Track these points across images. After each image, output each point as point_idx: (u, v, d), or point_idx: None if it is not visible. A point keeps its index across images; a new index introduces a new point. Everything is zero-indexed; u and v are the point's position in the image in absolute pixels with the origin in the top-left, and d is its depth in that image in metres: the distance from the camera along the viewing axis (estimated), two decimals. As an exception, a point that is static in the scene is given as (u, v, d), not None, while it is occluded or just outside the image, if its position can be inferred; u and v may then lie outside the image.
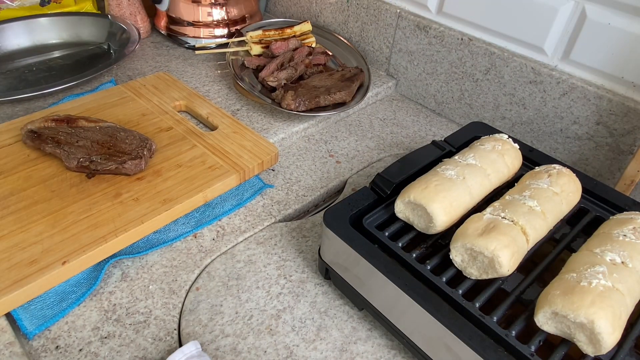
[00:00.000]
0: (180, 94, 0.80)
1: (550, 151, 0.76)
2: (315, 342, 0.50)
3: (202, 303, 0.53)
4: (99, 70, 0.82)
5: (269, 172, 0.72)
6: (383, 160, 0.77)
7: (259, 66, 0.88)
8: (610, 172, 0.71)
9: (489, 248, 0.43)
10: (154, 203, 0.59)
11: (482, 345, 0.40)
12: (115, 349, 0.48)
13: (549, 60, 0.74)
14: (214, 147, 0.69)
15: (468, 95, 0.84)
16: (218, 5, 0.99)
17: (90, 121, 0.66)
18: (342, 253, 0.50)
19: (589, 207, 0.55)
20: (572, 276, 0.41)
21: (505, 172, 0.56)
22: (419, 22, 0.86)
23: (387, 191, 0.54)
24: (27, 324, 0.48)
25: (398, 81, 0.95)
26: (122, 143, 0.63)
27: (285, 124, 0.80)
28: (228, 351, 0.49)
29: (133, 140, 0.64)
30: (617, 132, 0.68)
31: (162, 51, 0.99)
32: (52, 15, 0.94)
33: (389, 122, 0.87)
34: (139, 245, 0.58)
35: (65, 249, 0.52)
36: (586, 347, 0.39)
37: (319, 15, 1.05)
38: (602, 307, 0.38)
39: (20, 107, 0.78)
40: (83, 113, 0.72)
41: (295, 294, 0.55)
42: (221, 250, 0.60)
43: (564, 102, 0.72)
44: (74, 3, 1.01)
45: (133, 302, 0.53)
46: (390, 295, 0.46)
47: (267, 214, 0.65)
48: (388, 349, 0.50)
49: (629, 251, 0.44)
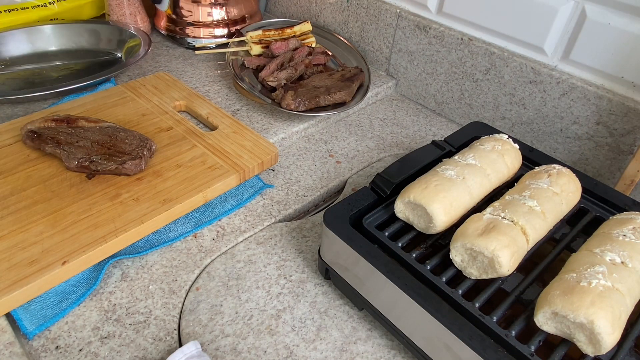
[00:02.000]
0: (180, 94, 0.80)
1: (550, 151, 0.76)
2: (315, 342, 0.50)
3: (202, 303, 0.53)
4: (102, 75, 0.82)
5: (269, 172, 0.72)
6: (383, 160, 0.77)
7: (259, 66, 0.88)
8: (610, 172, 0.71)
9: (489, 248, 0.43)
10: (154, 203, 0.59)
11: (482, 345, 0.40)
12: (115, 349, 0.48)
13: (549, 60, 0.74)
14: (214, 147, 0.69)
15: (468, 95, 0.84)
16: (218, 5, 0.99)
17: (90, 121, 0.66)
18: (342, 253, 0.50)
19: (588, 207, 0.55)
20: (572, 276, 0.41)
21: (505, 172, 0.56)
22: (419, 22, 0.86)
23: (387, 191, 0.54)
24: (27, 324, 0.48)
25: (398, 81, 0.95)
26: (122, 143, 0.63)
27: (285, 124, 0.80)
28: (228, 351, 0.49)
29: (133, 140, 0.64)
30: (617, 132, 0.68)
31: (162, 51, 0.99)
32: (66, 23, 0.95)
33: (389, 122, 0.87)
34: (139, 245, 0.58)
35: (65, 249, 0.52)
36: (586, 347, 0.39)
37: (319, 15, 1.05)
38: (601, 307, 0.38)
39: (20, 107, 0.78)
40: (83, 113, 0.72)
41: (295, 294, 0.55)
42: (221, 250, 0.60)
43: (564, 102, 0.72)
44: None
45: (133, 302, 0.53)
46: (390, 295, 0.46)
47: (267, 214, 0.65)
48: (388, 349, 0.50)
49: (628, 251, 0.44)
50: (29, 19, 0.94)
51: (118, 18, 0.97)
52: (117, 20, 0.97)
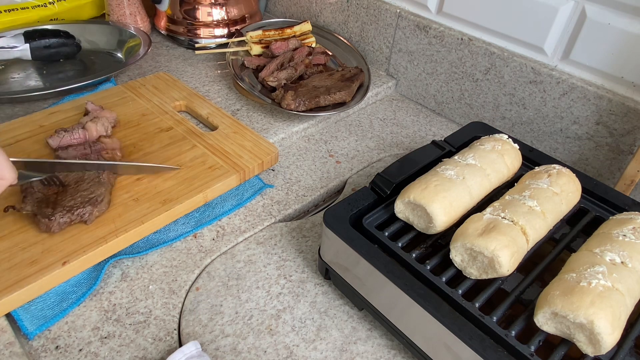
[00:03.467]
0: (180, 94, 0.80)
1: (550, 151, 0.76)
2: (315, 342, 0.50)
3: (202, 303, 0.53)
4: (102, 75, 0.82)
5: (269, 172, 0.72)
6: (383, 160, 0.77)
7: (259, 66, 0.88)
8: (610, 172, 0.71)
9: (489, 248, 0.43)
10: (154, 203, 0.59)
11: (482, 345, 0.40)
12: (115, 349, 0.48)
13: (549, 60, 0.74)
14: (214, 147, 0.69)
15: (468, 95, 0.84)
16: (218, 5, 0.99)
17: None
18: (342, 253, 0.50)
19: (588, 207, 0.55)
20: (572, 276, 0.41)
21: (505, 172, 0.56)
22: (419, 22, 0.86)
23: (387, 191, 0.54)
24: (28, 325, 0.48)
25: (398, 81, 0.95)
26: (67, 196, 0.56)
27: (285, 124, 0.80)
28: (228, 351, 0.49)
29: (79, 200, 0.55)
30: (617, 132, 0.68)
31: (162, 51, 0.99)
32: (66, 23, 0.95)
33: (389, 122, 0.87)
34: (139, 245, 0.58)
35: (65, 249, 0.52)
36: (586, 347, 0.39)
37: (319, 15, 1.05)
38: (601, 308, 0.38)
39: (20, 107, 0.78)
40: (83, 113, 0.72)
41: (295, 294, 0.55)
42: (221, 250, 0.60)
43: (564, 102, 0.72)
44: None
45: (133, 302, 0.53)
46: (390, 295, 0.46)
47: (267, 214, 0.65)
48: (388, 349, 0.50)
49: (628, 251, 0.44)
50: (29, 19, 0.94)
51: (118, 18, 0.97)
52: (117, 20, 0.97)
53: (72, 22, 0.96)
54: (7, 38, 0.85)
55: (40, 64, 0.89)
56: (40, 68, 0.88)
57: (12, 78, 0.85)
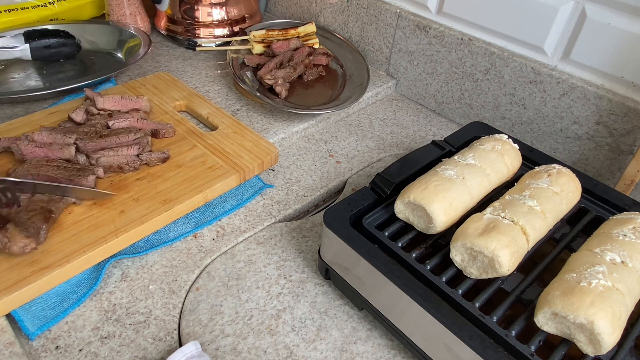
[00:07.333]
0: (180, 94, 0.80)
1: (550, 151, 0.76)
2: (315, 342, 0.50)
3: (202, 303, 0.53)
4: (102, 75, 0.82)
5: (269, 172, 0.72)
6: (383, 160, 0.77)
7: (259, 64, 0.88)
8: (610, 172, 0.71)
9: (489, 247, 0.43)
10: (154, 203, 0.59)
11: (482, 345, 0.40)
12: (115, 349, 0.48)
13: (549, 60, 0.74)
14: (214, 147, 0.69)
15: (468, 95, 0.84)
16: (218, 5, 0.99)
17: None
18: (342, 253, 0.50)
19: (588, 207, 0.55)
20: (572, 276, 0.41)
21: (504, 172, 0.56)
22: (419, 22, 0.86)
23: (387, 191, 0.54)
24: (29, 325, 0.48)
25: (398, 81, 0.95)
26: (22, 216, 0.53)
27: (285, 124, 0.80)
28: (228, 351, 0.49)
29: (37, 223, 0.52)
30: (617, 132, 0.68)
31: (162, 51, 0.99)
32: (66, 23, 0.95)
33: (389, 122, 0.87)
34: (139, 245, 0.58)
35: (65, 249, 0.52)
36: (586, 347, 0.39)
37: (319, 15, 1.05)
38: (601, 308, 0.38)
39: (20, 107, 0.78)
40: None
41: (295, 294, 0.55)
42: (221, 250, 0.60)
43: (564, 102, 0.72)
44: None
45: (133, 302, 0.53)
46: (390, 295, 0.46)
47: (267, 214, 0.65)
48: (388, 349, 0.50)
49: (628, 251, 0.44)
50: (29, 19, 0.94)
51: (118, 18, 0.97)
52: (117, 20, 0.97)
53: (72, 22, 0.96)
54: (7, 38, 0.85)
55: (40, 64, 0.89)
56: (40, 68, 0.88)
57: (12, 78, 0.85)
